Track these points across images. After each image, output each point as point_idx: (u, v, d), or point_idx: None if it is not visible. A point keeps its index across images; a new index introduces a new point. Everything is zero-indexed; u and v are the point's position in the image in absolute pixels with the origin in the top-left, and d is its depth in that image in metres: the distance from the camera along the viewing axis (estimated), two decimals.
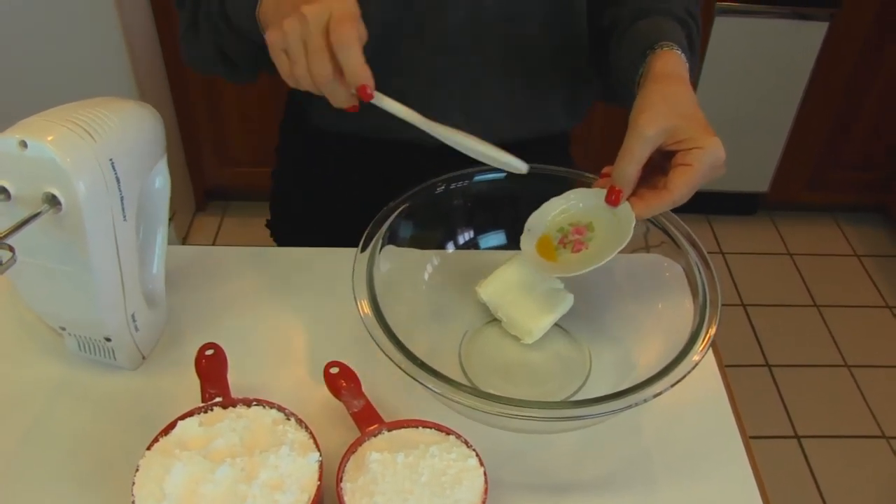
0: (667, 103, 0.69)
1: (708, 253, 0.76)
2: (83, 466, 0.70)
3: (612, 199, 0.71)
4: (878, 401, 2.08)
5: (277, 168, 1.12)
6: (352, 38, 0.64)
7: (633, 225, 0.70)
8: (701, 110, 0.70)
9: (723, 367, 0.82)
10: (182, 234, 2.40)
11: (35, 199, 0.63)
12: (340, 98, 0.68)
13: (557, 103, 0.97)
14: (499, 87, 0.92)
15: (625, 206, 0.71)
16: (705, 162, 0.67)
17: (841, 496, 1.85)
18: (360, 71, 0.66)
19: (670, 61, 0.73)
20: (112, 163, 0.65)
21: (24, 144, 0.61)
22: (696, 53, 0.82)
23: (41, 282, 0.71)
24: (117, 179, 0.66)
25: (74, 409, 0.75)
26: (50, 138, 0.61)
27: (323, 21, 0.64)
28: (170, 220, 0.81)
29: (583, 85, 0.98)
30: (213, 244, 2.45)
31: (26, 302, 0.75)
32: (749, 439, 0.76)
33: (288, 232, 1.15)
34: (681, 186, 0.67)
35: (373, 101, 0.68)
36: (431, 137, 0.71)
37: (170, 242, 0.82)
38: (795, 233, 2.65)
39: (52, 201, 0.63)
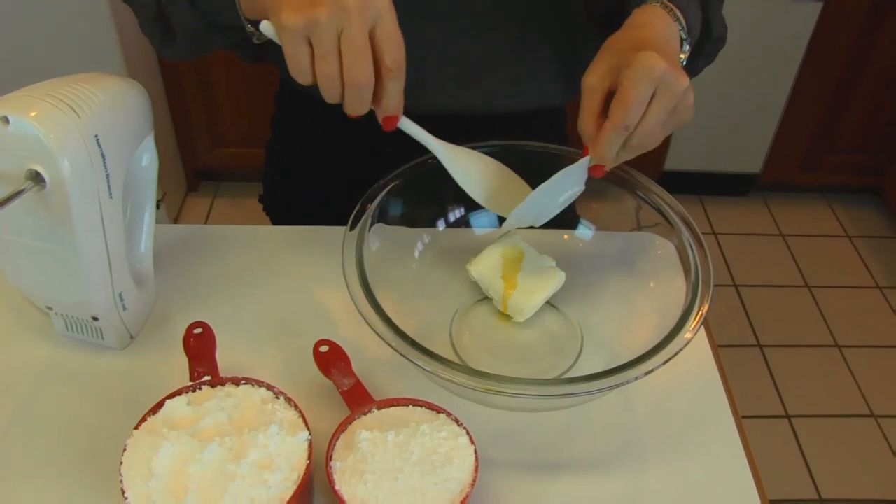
0: (609, 50, 0.66)
1: (700, 233, 0.75)
2: (71, 446, 0.69)
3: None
4: (867, 380, 2.10)
5: (271, 139, 1.11)
6: (403, 61, 0.60)
7: (583, 162, 0.69)
8: (662, 43, 0.66)
9: (715, 346, 0.82)
10: (173, 214, 2.38)
11: (18, 177, 0.62)
12: (358, 107, 0.61)
13: (552, 74, 0.95)
14: (492, 55, 0.91)
15: (586, 158, 0.69)
16: (634, 77, 0.61)
17: (830, 475, 1.87)
18: (400, 101, 0.62)
19: (647, 15, 0.70)
20: (97, 139, 0.64)
21: (6, 120, 0.60)
22: (710, 8, 0.80)
23: (26, 261, 0.70)
24: (103, 156, 0.65)
25: (62, 389, 0.74)
26: (33, 114, 0.60)
27: (371, 20, 0.58)
28: (160, 200, 0.81)
29: (578, 58, 0.97)
30: (205, 224, 2.44)
31: (12, 281, 0.74)
32: (741, 418, 0.76)
33: (281, 206, 1.14)
34: (616, 111, 0.63)
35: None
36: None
37: (161, 223, 0.82)
38: (788, 214, 2.66)
39: (36, 178, 0.62)
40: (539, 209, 0.74)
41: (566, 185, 0.72)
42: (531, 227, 0.78)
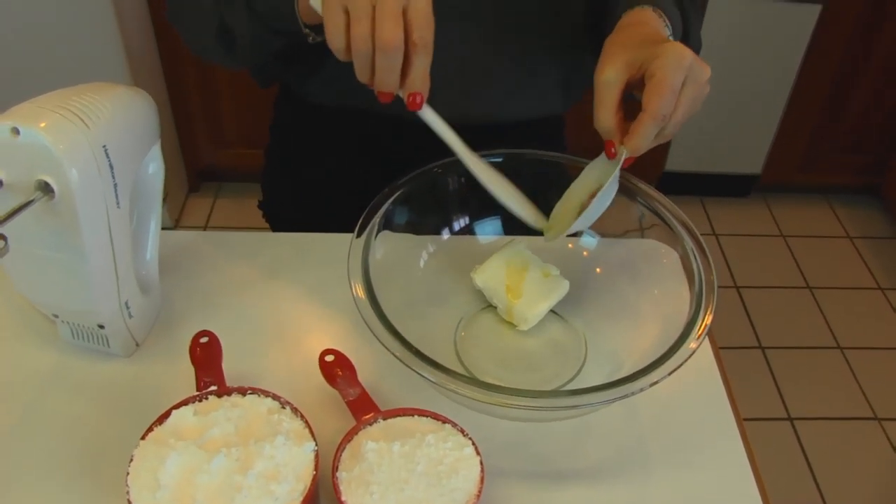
0: (618, 44, 0.68)
1: (701, 234, 0.76)
2: (77, 456, 0.69)
3: (609, 152, 0.70)
4: (869, 382, 2.10)
5: (271, 145, 1.11)
6: (431, 39, 0.63)
7: (620, 162, 0.69)
8: (665, 40, 0.68)
9: (718, 351, 0.83)
10: (175, 215, 2.39)
11: (28, 187, 0.62)
12: (388, 79, 0.64)
13: (551, 82, 0.96)
14: (492, 63, 0.91)
15: (621, 153, 0.69)
16: (668, 67, 0.64)
17: (834, 478, 1.87)
18: (426, 79, 0.65)
19: (640, 15, 0.72)
20: (105, 149, 0.65)
21: (16, 131, 0.60)
22: (690, 12, 0.81)
23: (34, 269, 0.70)
24: (111, 166, 0.66)
25: (68, 398, 0.74)
26: (42, 125, 0.60)
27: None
28: (162, 201, 0.81)
29: (577, 66, 0.97)
30: (206, 225, 2.44)
31: (19, 289, 0.75)
32: (744, 422, 0.76)
33: (280, 212, 1.14)
34: (653, 100, 0.64)
35: (417, 111, 0.67)
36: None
37: (162, 223, 0.82)
38: (788, 215, 2.66)
39: (46, 189, 0.62)
40: (595, 215, 0.74)
41: (614, 187, 0.73)
42: (538, 235, 0.78)
